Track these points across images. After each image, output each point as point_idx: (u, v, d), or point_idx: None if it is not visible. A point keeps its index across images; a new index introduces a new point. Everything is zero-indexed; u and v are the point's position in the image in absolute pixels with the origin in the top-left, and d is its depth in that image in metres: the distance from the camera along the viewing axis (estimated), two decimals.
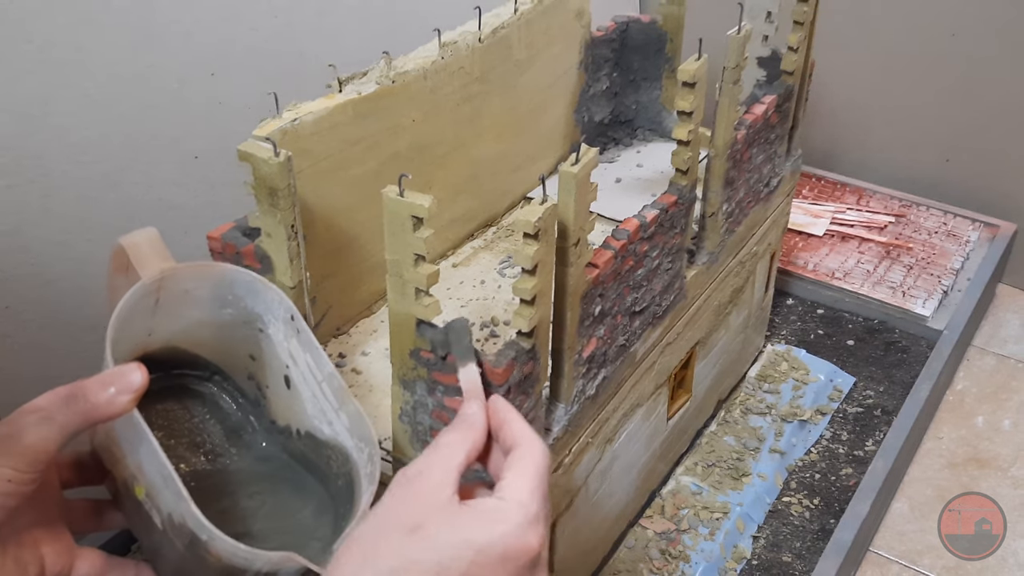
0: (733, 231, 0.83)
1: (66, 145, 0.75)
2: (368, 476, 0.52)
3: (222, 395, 0.60)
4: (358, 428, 0.54)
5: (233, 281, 0.55)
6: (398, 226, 0.51)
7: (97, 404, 0.45)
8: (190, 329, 0.56)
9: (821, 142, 1.34)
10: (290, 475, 0.57)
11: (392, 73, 0.69)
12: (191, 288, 0.54)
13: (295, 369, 0.56)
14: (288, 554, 0.46)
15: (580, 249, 0.57)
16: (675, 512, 0.89)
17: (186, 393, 0.59)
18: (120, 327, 0.49)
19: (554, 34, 0.86)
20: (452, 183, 0.79)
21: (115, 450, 0.49)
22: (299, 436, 0.58)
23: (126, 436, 0.48)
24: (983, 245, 1.23)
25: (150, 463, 0.47)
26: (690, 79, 0.65)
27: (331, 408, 0.55)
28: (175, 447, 0.57)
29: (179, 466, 0.56)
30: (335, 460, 0.55)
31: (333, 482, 0.56)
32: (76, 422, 0.45)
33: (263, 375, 0.58)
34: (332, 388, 0.55)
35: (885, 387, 1.06)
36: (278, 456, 0.59)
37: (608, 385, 0.69)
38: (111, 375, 0.46)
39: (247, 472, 0.58)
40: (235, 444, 0.59)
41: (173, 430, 0.58)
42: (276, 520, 0.54)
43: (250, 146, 0.55)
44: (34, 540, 0.47)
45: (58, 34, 0.72)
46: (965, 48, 1.20)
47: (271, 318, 0.56)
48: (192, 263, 0.54)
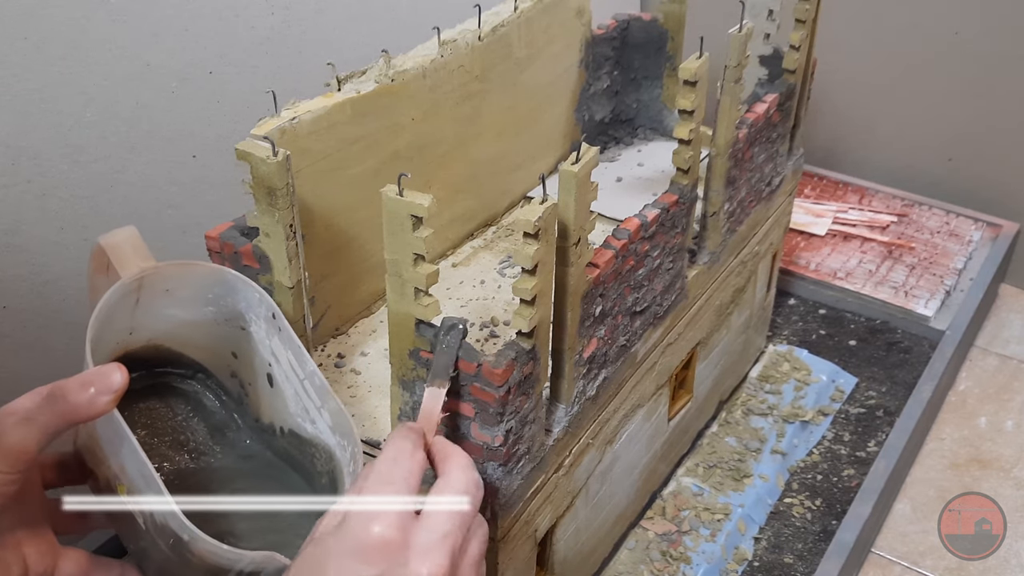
0: (735, 231, 0.83)
1: (63, 144, 0.74)
2: (351, 474, 0.52)
3: (205, 393, 0.60)
4: (340, 426, 0.54)
5: (214, 279, 0.55)
6: (397, 225, 0.51)
7: (77, 404, 0.45)
8: (172, 328, 0.56)
9: (823, 141, 1.34)
10: (274, 473, 0.58)
11: (391, 72, 0.69)
12: (172, 287, 0.54)
13: (277, 367, 0.56)
14: (270, 553, 0.46)
15: (580, 249, 0.57)
16: (676, 513, 0.88)
17: (169, 391, 0.59)
18: (100, 327, 0.49)
19: (554, 32, 0.85)
20: (452, 182, 0.79)
21: (97, 450, 0.49)
22: (283, 434, 0.58)
23: (107, 436, 0.48)
24: (986, 245, 1.22)
25: (131, 463, 0.47)
26: (691, 77, 0.65)
27: (313, 406, 0.55)
28: (158, 445, 0.57)
29: (162, 464, 0.56)
30: (319, 458, 0.55)
31: (317, 480, 0.56)
32: (56, 423, 0.45)
33: (246, 373, 0.58)
34: (314, 386, 0.55)
35: (887, 388, 1.05)
36: (262, 454, 0.59)
37: (609, 386, 0.69)
38: (91, 375, 0.45)
39: (231, 470, 0.58)
40: (219, 442, 0.59)
41: (156, 428, 0.57)
42: (260, 519, 0.54)
43: (248, 145, 0.55)
44: (16, 541, 0.47)
45: (55, 32, 0.71)
46: (968, 47, 1.20)
47: (253, 316, 0.56)
48: (172, 262, 0.54)
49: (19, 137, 0.71)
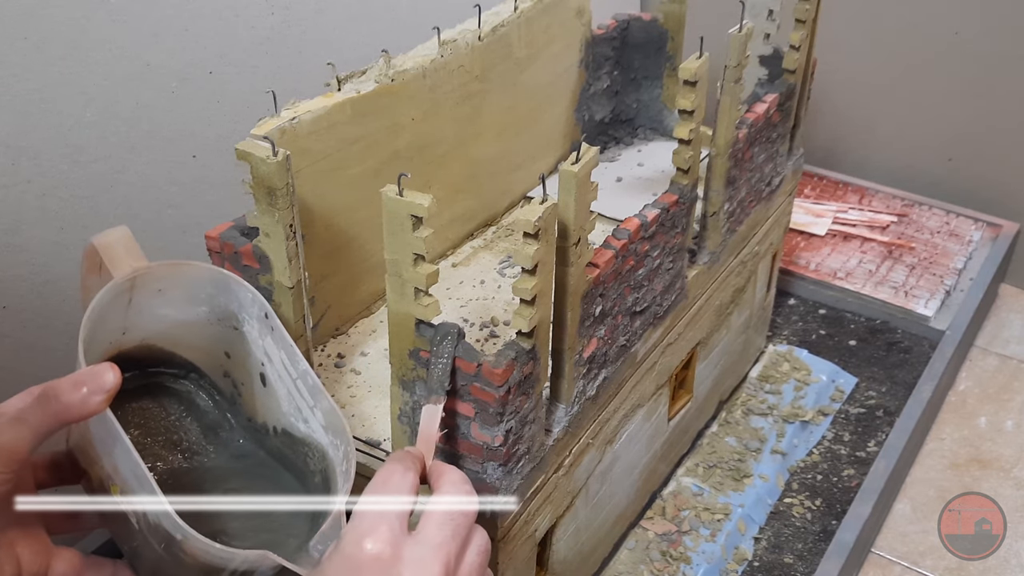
0: (735, 231, 0.83)
1: (63, 144, 0.74)
2: (344, 474, 0.52)
3: (199, 393, 0.60)
4: (333, 425, 0.54)
5: (206, 279, 0.55)
6: (397, 225, 0.51)
7: (70, 404, 0.45)
8: (165, 327, 0.56)
9: (823, 141, 1.34)
10: (267, 472, 0.58)
11: (391, 72, 0.69)
12: (165, 287, 0.54)
13: (270, 367, 0.56)
14: (264, 552, 0.46)
15: (580, 249, 0.57)
16: (676, 513, 0.88)
17: (162, 391, 0.59)
18: (93, 327, 0.49)
19: (554, 32, 0.85)
20: (452, 182, 0.79)
21: (91, 450, 0.49)
22: (276, 433, 0.58)
23: (100, 436, 0.48)
24: (986, 245, 1.22)
25: (124, 463, 0.46)
26: (691, 77, 0.64)
27: (306, 405, 0.55)
28: (151, 445, 0.57)
29: (156, 464, 0.56)
30: (312, 457, 0.56)
31: (310, 479, 0.56)
32: (49, 423, 0.45)
33: (239, 373, 0.58)
34: (307, 385, 0.55)
35: (887, 388, 1.05)
36: (255, 453, 0.59)
37: (609, 386, 0.69)
38: (83, 375, 0.45)
39: (224, 470, 0.58)
40: (212, 442, 0.59)
41: (150, 428, 0.57)
42: (253, 518, 0.54)
43: (248, 145, 0.55)
44: (9, 541, 0.47)
45: (55, 32, 0.71)
46: (968, 46, 1.20)
47: (245, 316, 0.56)
48: (165, 262, 0.54)
49: (19, 137, 0.71)
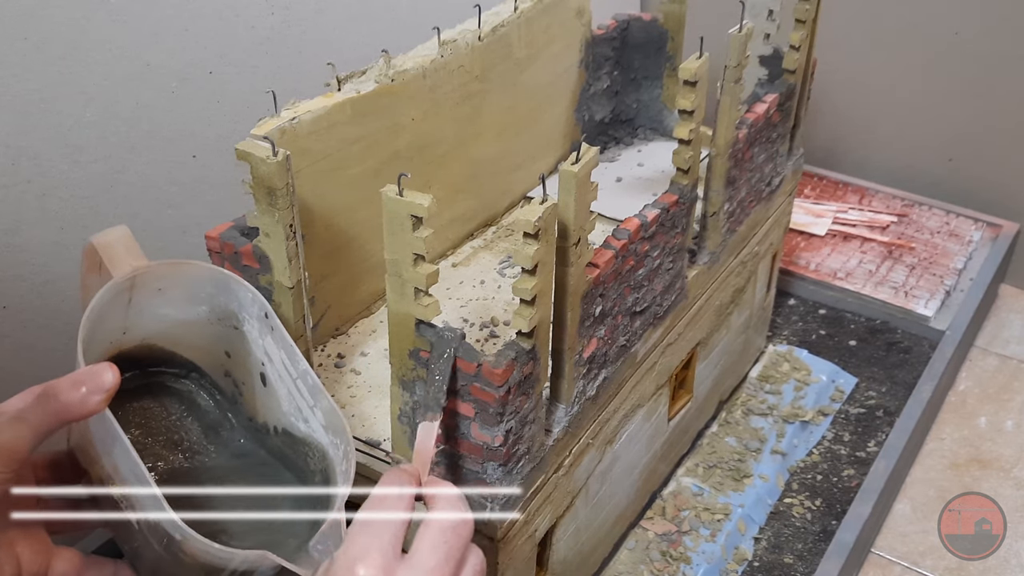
0: (734, 231, 0.83)
1: (63, 144, 0.74)
2: (343, 473, 0.52)
3: (199, 392, 0.60)
4: (333, 424, 0.54)
5: (206, 279, 0.55)
6: (397, 225, 0.51)
7: (69, 404, 0.45)
8: (165, 327, 0.56)
9: (823, 141, 1.34)
10: (267, 472, 0.57)
11: (391, 72, 0.69)
12: (164, 286, 0.54)
13: (270, 366, 0.56)
14: (263, 552, 0.46)
15: (580, 249, 0.57)
16: (676, 513, 0.88)
17: (163, 391, 0.59)
18: (92, 326, 0.49)
19: (554, 32, 0.85)
20: (452, 182, 0.79)
21: (91, 450, 0.49)
22: (276, 433, 0.58)
23: (100, 436, 0.48)
24: (986, 245, 1.22)
25: (124, 463, 0.46)
26: (691, 78, 0.64)
27: (306, 405, 0.55)
28: (152, 445, 0.57)
29: (156, 464, 0.56)
30: (312, 457, 0.56)
31: (310, 479, 0.56)
32: (48, 422, 0.45)
33: (239, 372, 0.58)
34: (307, 385, 0.55)
35: (887, 388, 1.05)
36: (256, 453, 0.59)
37: (609, 386, 0.69)
38: (83, 374, 0.46)
39: (225, 469, 0.58)
40: (213, 441, 0.59)
41: (150, 428, 0.57)
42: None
43: (248, 145, 0.55)
44: (9, 540, 0.47)
45: (55, 32, 0.71)
46: (968, 47, 1.20)
47: (246, 315, 0.56)
48: (164, 261, 0.53)
49: (19, 137, 0.71)
